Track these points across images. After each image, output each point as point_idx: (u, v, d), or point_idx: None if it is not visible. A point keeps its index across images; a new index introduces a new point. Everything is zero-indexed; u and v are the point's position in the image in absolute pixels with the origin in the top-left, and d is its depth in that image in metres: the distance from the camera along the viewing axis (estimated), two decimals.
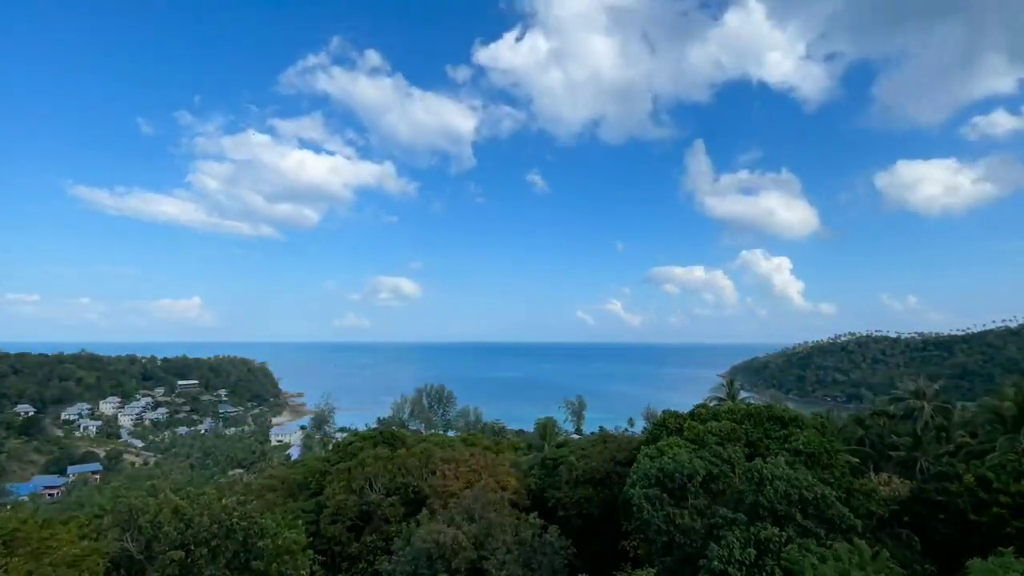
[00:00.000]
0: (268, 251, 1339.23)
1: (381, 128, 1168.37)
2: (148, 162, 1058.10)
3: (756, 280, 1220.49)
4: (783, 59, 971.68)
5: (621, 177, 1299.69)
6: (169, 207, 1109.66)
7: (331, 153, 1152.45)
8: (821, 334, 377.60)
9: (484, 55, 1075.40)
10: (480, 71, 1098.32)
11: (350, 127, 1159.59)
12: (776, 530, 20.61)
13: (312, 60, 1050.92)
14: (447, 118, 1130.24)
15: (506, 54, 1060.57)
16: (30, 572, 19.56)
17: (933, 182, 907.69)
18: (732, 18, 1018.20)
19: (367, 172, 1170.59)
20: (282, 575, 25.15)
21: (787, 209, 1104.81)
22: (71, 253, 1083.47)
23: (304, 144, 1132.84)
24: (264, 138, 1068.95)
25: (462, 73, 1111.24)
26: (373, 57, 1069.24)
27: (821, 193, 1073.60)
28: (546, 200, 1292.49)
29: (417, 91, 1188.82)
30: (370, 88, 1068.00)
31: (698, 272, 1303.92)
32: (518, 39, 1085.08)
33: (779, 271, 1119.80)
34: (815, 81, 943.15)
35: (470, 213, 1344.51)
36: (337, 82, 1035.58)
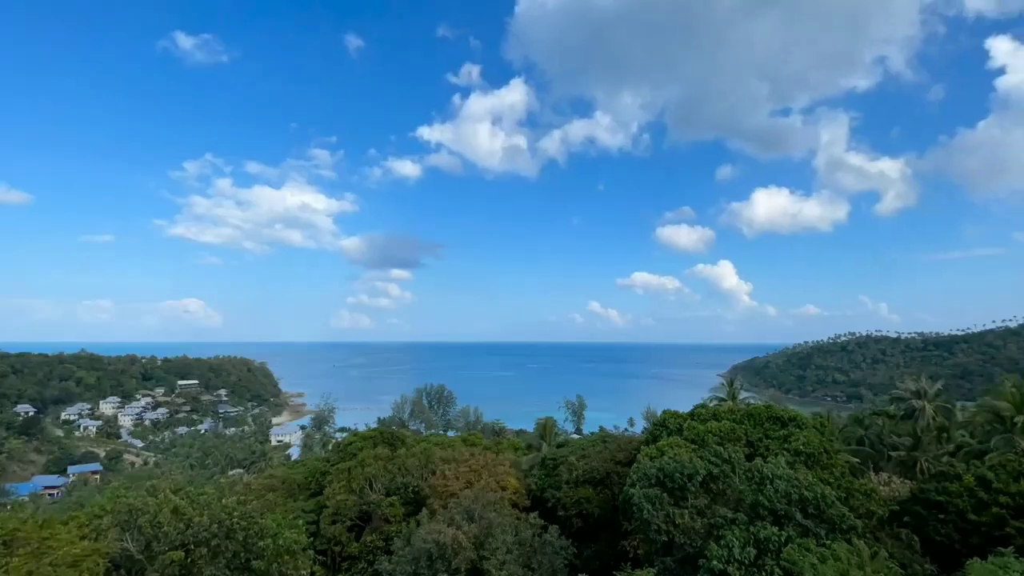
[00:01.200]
0: (263, 262, 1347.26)
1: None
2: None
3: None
4: None
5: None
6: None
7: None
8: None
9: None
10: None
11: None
12: (776, 530, 20.61)
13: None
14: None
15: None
16: (30, 572, 19.56)
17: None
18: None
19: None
20: (282, 575, 25.17)
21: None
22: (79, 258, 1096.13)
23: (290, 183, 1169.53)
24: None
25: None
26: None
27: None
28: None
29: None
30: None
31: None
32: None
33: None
34: None
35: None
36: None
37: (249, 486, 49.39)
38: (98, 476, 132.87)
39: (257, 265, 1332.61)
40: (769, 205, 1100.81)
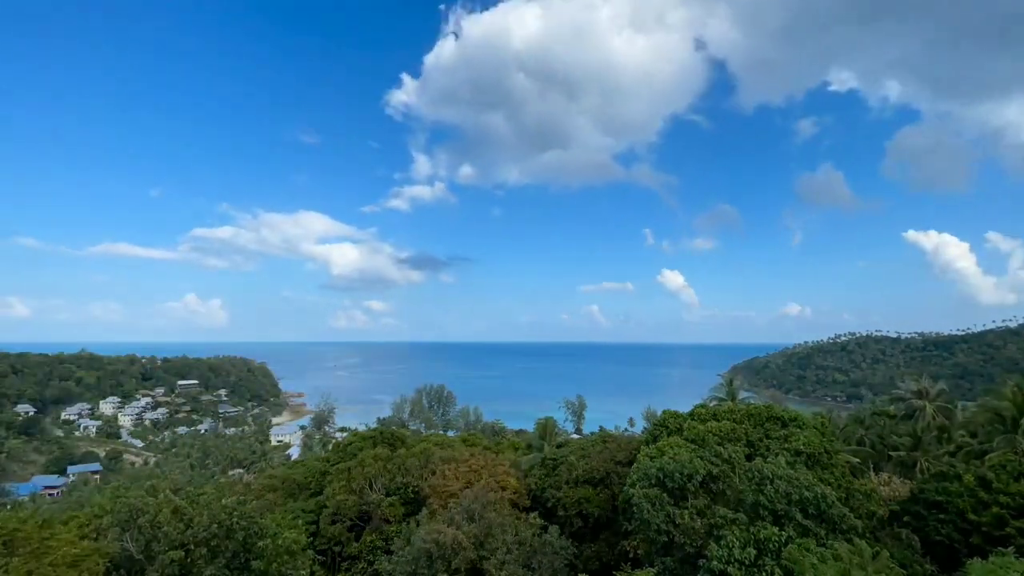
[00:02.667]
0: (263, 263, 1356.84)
1: None
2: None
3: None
4: None
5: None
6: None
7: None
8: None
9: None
10: None
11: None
12: (776, 530, 20.60)
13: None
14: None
15: None
16: (30, 572, 19.55)
17: None
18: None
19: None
20: (282, 575, 25.15)
21: None
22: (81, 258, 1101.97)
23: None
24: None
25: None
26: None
27: None
28: None
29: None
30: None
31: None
32: None
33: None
34: None
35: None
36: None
37: (249, 486, 49.39)
38: (98, 476, 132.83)
39: (256, 274, 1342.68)
40: None
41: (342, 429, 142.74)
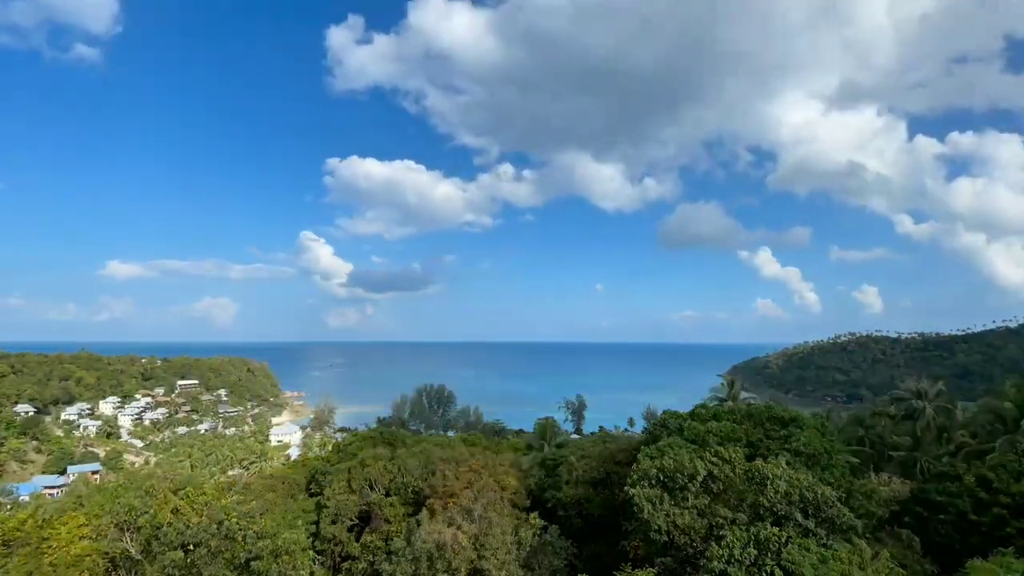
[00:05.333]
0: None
1: None
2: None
3: None
4: None
5: None
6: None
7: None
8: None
9: None
10: None
11: None
12: (776, 530, 20.58)
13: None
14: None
15: None
16: (30, 572, 19.57)
17: None
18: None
19: None
20: (282, 575, 25.15)
21: None
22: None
23: None
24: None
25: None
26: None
27: None
28: None
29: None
30: None
31: None
32: None
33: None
34: None
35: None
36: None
37: (249, 486, 49.36)
38: (98, 476, 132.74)
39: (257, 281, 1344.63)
40: None
41: (342, 429, 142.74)
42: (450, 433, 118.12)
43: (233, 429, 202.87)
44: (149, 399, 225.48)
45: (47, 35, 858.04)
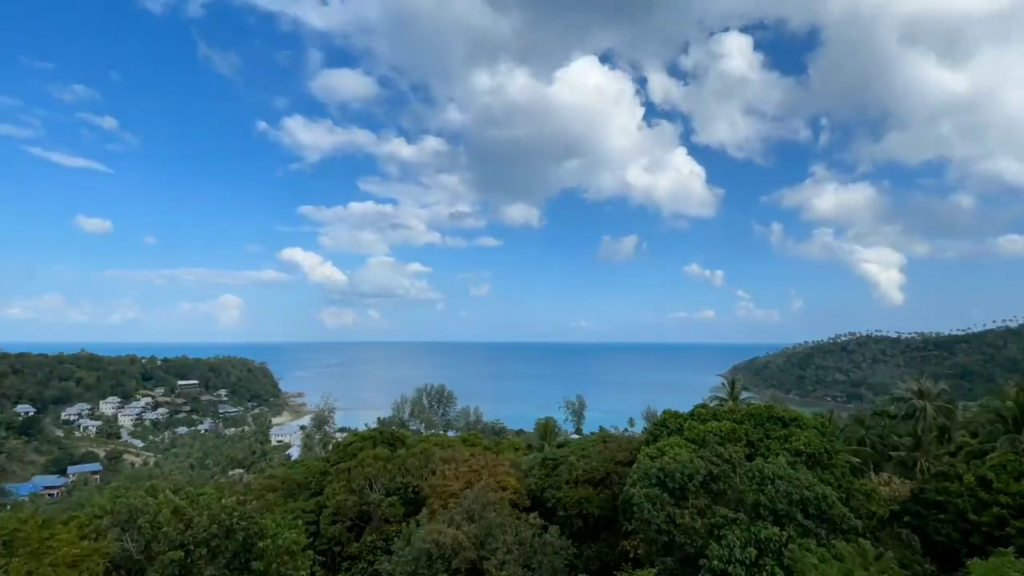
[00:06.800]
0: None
1: None
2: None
3: None
4: None
5: None
6: None
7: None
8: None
9: None
10: None
11: None
12: (777, 530, 20.61)
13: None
14: None
15: None
16: (30, 572, 19.54)
17: None
18: None
19: None
20: (282, 575, 25.13)
21: None
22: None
23: None
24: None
25: None
26: None
27: None
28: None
29: None
30: None
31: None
32: None
33: None
34: None
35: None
36: None
37: (249, 486, 49.37)
38: (98, 476, 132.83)
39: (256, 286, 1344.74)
40: None
41: (342, 429, 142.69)
42: (451, 433, 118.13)
43: (233, 429, 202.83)
44: (149, 399, 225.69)
45: None
